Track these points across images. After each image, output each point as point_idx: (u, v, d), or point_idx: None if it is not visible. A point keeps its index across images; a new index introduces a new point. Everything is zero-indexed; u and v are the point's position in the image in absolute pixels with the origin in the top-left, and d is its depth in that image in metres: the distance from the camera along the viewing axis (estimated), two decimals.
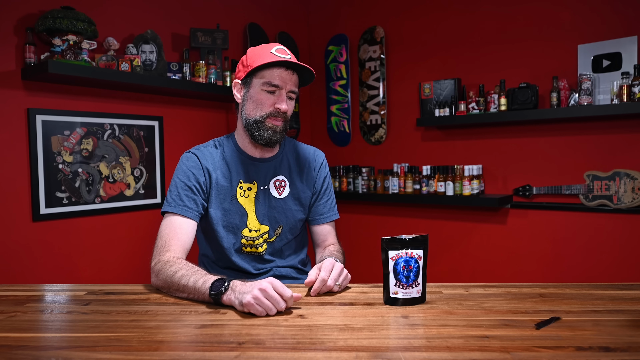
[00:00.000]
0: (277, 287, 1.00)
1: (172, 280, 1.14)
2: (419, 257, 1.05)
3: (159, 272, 1.18)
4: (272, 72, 1.30)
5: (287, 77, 1.31)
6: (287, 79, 1.31)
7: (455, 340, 0.84)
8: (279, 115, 1.32)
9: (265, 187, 1.40)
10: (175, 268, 1.15)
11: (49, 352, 0.82)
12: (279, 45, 1.34)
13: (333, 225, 1.51)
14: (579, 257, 2.56)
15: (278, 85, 1.30)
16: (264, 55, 1.31)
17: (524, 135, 2.72)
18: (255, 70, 1.31)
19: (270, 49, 1.32)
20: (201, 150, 1.41)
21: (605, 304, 1.04)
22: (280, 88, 1.31)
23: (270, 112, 1.32)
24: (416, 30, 3.11)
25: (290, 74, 1.32)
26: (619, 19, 2.40)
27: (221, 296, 1.04)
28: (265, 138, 1.34)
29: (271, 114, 1.32)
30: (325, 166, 1.51)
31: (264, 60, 1.29)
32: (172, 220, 1.29)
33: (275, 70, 1.30)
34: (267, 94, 1.31)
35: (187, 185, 1.33)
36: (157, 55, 2.51)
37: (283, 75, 1.30)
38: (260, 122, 1.33)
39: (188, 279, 1.11)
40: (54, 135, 2.25)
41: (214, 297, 1.04)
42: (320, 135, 3.64)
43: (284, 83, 1.31)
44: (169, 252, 1.22)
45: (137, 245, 2.54)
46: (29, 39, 2.12)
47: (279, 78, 1.30)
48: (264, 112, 1.32)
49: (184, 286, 1.11)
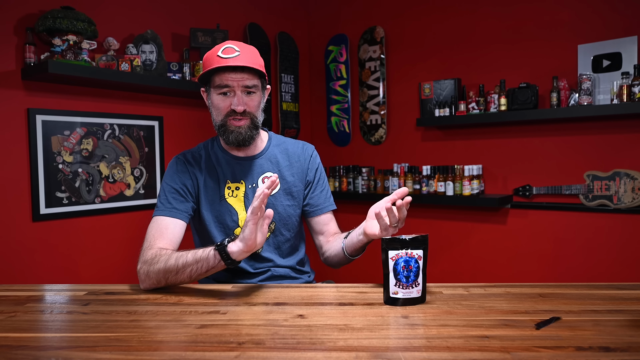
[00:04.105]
0: (254, 205, 1.04)
1: (167, 268, 1.14)
2: (419, 257, 1.05)
3: (148, 271, 1.17)
4: (220, 76, 1.29)
5: (235, 75, 1.29)
6: (237, 77, 1.29)
7: (455, 340, 0.84)
8: (237, 115, 1.31)
9: (253, 185, 1.40)
10: (165, 257, 1.16)
11: (49, 352, 0.82)
12: (227, 44, 1.30)
13: (332, 215, 1.50)
14: (579, 257, 2.56)
15: (228, 84, 1.29)
16: (212, 61, 1.29)
17: (524, 135, 2.72)
18: (206, 77, 1.31)
19: (217, 51, 1.30)
20: (187, 154, 1.42)
21: (605, 304, 1.04)
22: (231, 87, 1.30)
23: (227, 113, 1.32)
24: (416, 30, 3.11)
25: (239, 72, 1.29)
26: (619, 19, 2.40)
27: (226, 247, 1.09)
28: (232, 140, 1.34)
29: (229, 114, 1.32)
30: (316, 157, 1.50)
31: (211, 66, 1.28)
32: (158, 222, 1.30)
33: (224, 73, 1.29)
34: (221, 96, 1.31)
35: (174, 189, 1.35)
36: (157, 55, 2.51)
37: (232, 75, 1.29)
38: (223, 125, 1.33)
39: (186, 256, 1.14)
40: (54, 135, 2.25)
41: (219, 248, 1.10)
42: (320, 135, 3.64)
43: (234, 82, 1.29)
44: (152, 249, 1.22)
45: (137, 245, 2.50)
46: (29, 39, 2.12)
47: (228, 79, 1.29)
48: (222, 115, 1.32)
49: (184, 263, 1.13)
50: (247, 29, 3.15)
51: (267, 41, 3.26)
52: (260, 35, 3.22)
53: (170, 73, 2.59)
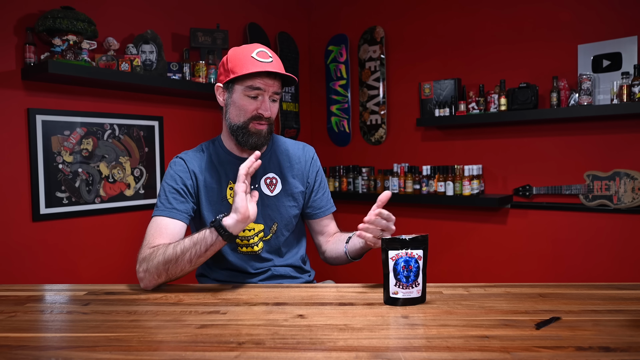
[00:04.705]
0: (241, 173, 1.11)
1: (165, 259, 1.16)
2: (419, 257, 1.05)
3: (147, 269, 1.18)
4: (254, 79, 1.29)
5: (270, 80, 1.30)
6: (270, 82, 1.30)
7: (455, 340, 0.84)
8: (262, 119, 1.32)
9: (256, 186, 1.40)
10: (161, 250, 1.18)
11: (49, 352, 0.82)
12: (260, 48, 1.31)
13: (332, 216, 1.53)
14: (579, 257, 2.56)
15: (260, 87, 1.29)
16: (245, 61, 1.28)
17: (524, 135, 2.72)
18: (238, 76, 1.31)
19: (251, 52, 1.29)
20: (188, 154, 1.42)
21: (605, 304, 1.04)
22: (262, 91, 1.30)
23: (253, 116, 1.31)
24: (416, 30, 3.11)
25: (272, 78, 1.30)
26: (619, 19, 2.40)
27: (221, 221, 1.12)
28: (251, 143, 1.34)
29: (254, 117, 1.32)
30: (316, 160, 1.51)
31: (246, 67, 1.27)
32: (157, 222, 1.30)
33: (259, 76, 1.28)
34: (249, 99, 1.30)
35: (174, 189, 1.35)
36: (157, 55, 2.51)
37: (267, 80, 1.29)
38: (244, 127, 1.33)
39: (183, 243, 1.17)
40: (54, 135, 2.25)
41: (215, 224, 1.13)
42: (320, 135, 3.64)
43: (267, 87, 1.29)
44: (149, 248, 1.23)
45: (137, 245, 2.50)
46: (29, 39, 2.12)
47: (262, 83, 1.29)
48: (247, 117, 1.32)
49: (182, 250, 1.15)
50: (247, 29, 3.15)
51: (267, 41, 3.26)
52: (260, 35, 3.22)
53: (170, 73, 2.59)
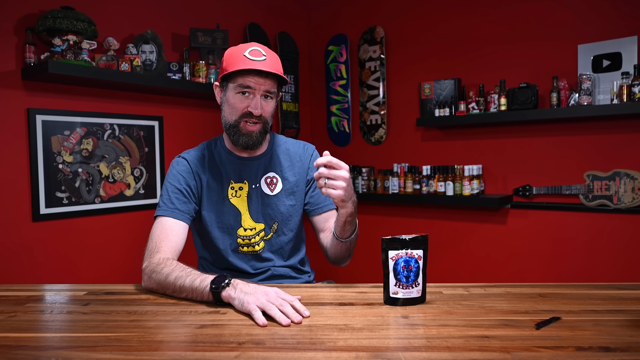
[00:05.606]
0: (281, 293, 1.01)
1: (166, 282, 1.13)
2: (419, 257, 1.05)
3: (151, 274, 1.17)
4: (244, 77, 1.29)
5: (261, 79, 1.29)
6: (261, 81, 1.29)
7: (455, 340, 0.84)
8: (252, 118, 1.31)
9: (256, 186, 1.40)
10: (167, 270, 1.15)
11: (49, 352, 0.82)
12: (254, 46, 1.31)
13: (334, 213, 1.49)
14: (579, 257, 2.56)
15: (250, 86, 1.29)
16: (237, 59, 1.28)
17: (524, 135, 2.72)
18: (227, 74, 1.31)
19: (244, 50, 1.29)
20: (190, 154, 1.42)
21: (605, 304, 1.04)
22: (253, 89, 1.29)
23: (244, 114, 1.31)
24: (416, 30, 3.11)
25: (263, 77, 1.30)
26: (619, 19, 2.40)
27: (221, 291, 1.03)
28: (242, 143, 1.34)
29: (245, 115, 1.31)
30: (317, 156, 1.49)
31: (237, 65, 1.27)
32: (162, 223, 1.29)
33: (248, 75, 1.28)
34: (240, 96, 1.30)
35: (177, 189, 1.34)
36: (157, 55, 2.51)
37: (256, 78, 1.29)
38: (236, 126, 1.33)
39: (184, 280, 1.10)
40: (54, 135, 2.25)
41: (214, 291, 1.04)
42: (320, 135, 3.64)
43: (257, 85, 1.29)
44: (159, 253, 1.22)
45: (137, 245, 2.52)
46: (29, 39, 2.12)
47: (251, 81, 1.29)
48: (238, 115, 1.32)
49: (181, 287, 1.11)
50: (247, 29, 3.15)
51: (267, 41, 3.26)
52: (260, 35, 3.22)
53: (170, 73, 2.59)
